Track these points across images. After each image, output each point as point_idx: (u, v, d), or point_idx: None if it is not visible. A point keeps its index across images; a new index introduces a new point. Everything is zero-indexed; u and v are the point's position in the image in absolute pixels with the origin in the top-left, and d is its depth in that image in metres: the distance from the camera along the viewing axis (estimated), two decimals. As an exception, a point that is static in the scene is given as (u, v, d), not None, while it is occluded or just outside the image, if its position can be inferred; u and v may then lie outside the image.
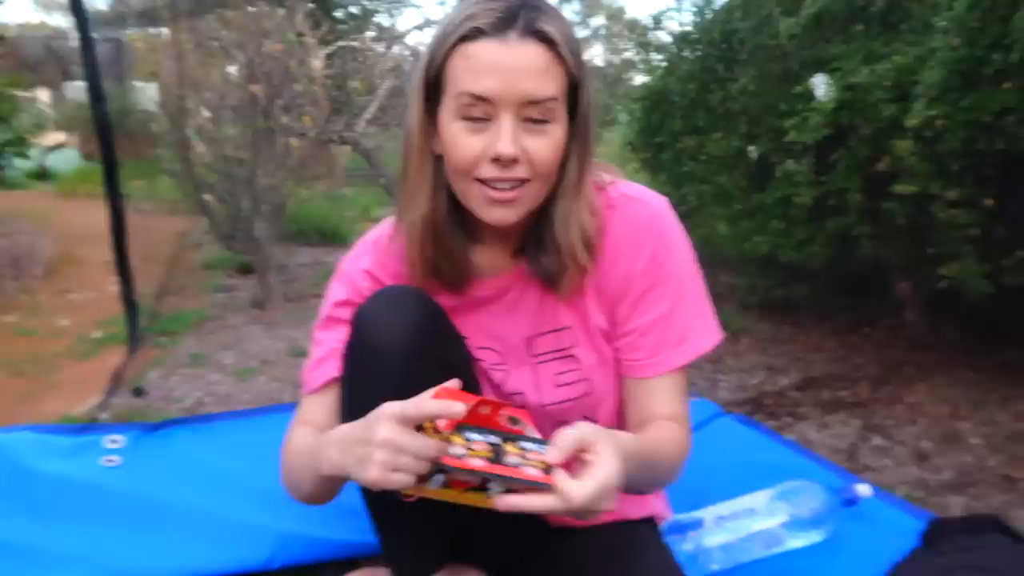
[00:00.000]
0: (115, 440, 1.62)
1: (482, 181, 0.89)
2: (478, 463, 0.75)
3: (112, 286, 4.22)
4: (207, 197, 4.11)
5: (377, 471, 0.76)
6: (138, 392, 2.67)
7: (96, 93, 2.64)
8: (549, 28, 0.86)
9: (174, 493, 1.43)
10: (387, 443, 0.76)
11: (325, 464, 0.85)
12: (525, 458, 0.77)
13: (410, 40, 6.06)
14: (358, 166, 5.47)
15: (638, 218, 0.99)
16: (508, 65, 0.85)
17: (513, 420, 0.84)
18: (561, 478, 0.73)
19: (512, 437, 0.80)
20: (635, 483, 0.87)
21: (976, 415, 2.26)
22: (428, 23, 5.59)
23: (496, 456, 0.77)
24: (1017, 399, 2.33)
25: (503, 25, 0.85)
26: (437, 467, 0.76)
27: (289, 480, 1.01)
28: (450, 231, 0.97)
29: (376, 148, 5.06)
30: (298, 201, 4.88)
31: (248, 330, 3.42)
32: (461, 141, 0.88)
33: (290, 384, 2.70)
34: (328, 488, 0.94)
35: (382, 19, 7.27)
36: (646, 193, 1.03)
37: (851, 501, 1.37)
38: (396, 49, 5.89)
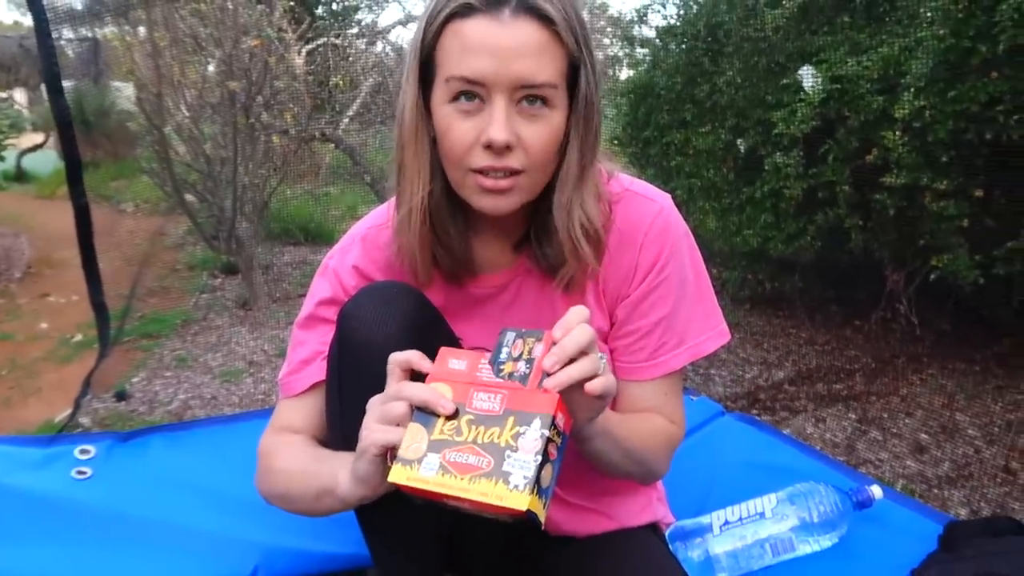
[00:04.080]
0: (86, 451, 1.55)
1: (476, 171, 0.83)
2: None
3: (93, 289, 4.13)
4: (188, 197, 4.05)
5: (371, 427, 0.75)
6: (121, 396, 2.62)
7: (55, 87, 2.53)
8: (546, 5, 0.79)
9: (149, 505, 1.36)
10: (375, 402, 0.76)
11: (343, 489, 0.81)
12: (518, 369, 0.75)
13: (392, 36, 6.01)
14: (342, 164, 5.41)
15: (643, 215, 0.94)
16: (500, 45, 0.79)
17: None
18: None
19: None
20: (613, 451, 0.87)
21: (972, 406, 2.26)
22: (410, 19, 5.53)
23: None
24: (1012, 389, 2.34)
25: (496, 1, 0.79)
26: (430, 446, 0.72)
27: (279, 496, 0.95)
28: (449, 220, 0.91)
29: (360, 145, 5.00)
30: (282, 200, 4.81)
31: (233, 331, 3.36)
32: (453, 126, 0.82)
33: (277, 385, 2.66)
34: (337, 509, 0.88)
35: (363, 15, 7.20)
36: (651, 190, 0.98)
37: (863, 503, 1.31)
38: (378, 46, 5.83)
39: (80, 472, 1.48)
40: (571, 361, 0.73)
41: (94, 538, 1.28)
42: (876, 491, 1.33)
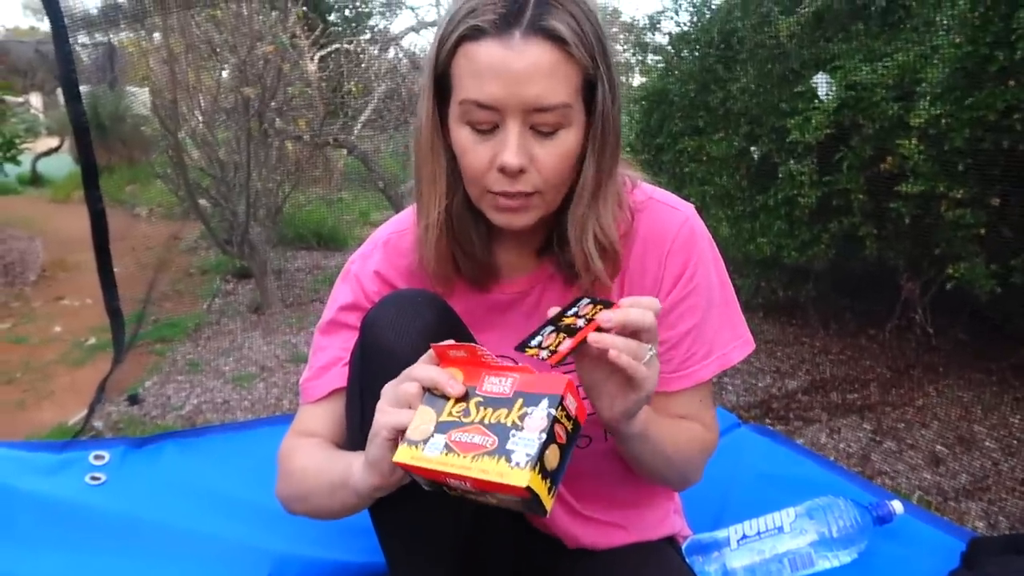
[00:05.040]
0: (100, 456, 1.55)
1: (489, 191, 0.84)
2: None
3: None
4: (202, 202, 4.07)
5: (383, 409, 0.75)
6: (134, 400, 2.63)
7: (71, 92, 2.54)
8: (558, 24, 0.78)
9: (163, 512, 1.36)
10: (389, 387, 0.76)
11: (356, 479, 0.81)
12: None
13: (405, 42, 6.02)
14: (355, 170, 5.42)
15: (668, 224, 0.94)
16: (512, 69, 0.78)
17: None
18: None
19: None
20: (652, 454, 0.86)
21: (989, 418, 2.23)
22: (423, 25, 5.54)
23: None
24: (1030, 401, 2.31)
25: (506, 23, 0.78)
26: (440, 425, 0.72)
27: (297, 495, 0.95)
28: (471, 228, 0.91)
29: (373, 151, 5.01)
30: (295, 205, 4.83)
31: (246, 336, 3.38)
32: (468, 149, 0.83)
33: (289, 391, 2.67)
34: (353, 505, 0.88)
35: (376, 21, 7.23)
36: (674, 199, 0.97)
37: (883, 518, 1.28)
38: (391, 52, 5.84)
39: (94, 478, 1.48)
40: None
41: (107, 544, 1.28)
42: (897, 506, 1.30)
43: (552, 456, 0.69)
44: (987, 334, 2.68)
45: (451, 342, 0.77)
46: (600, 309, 0.76)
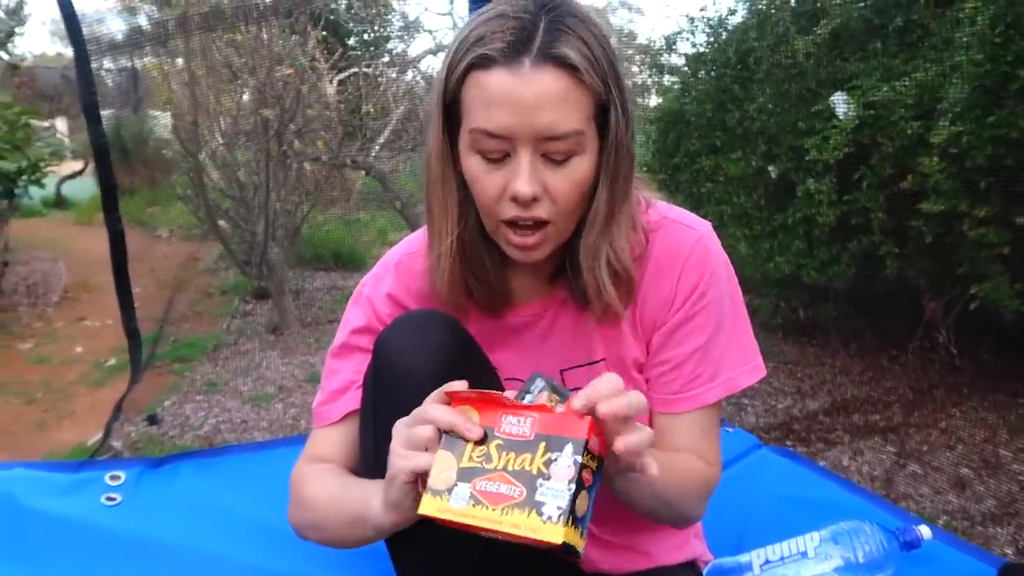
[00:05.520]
0: (116, 477, 1.55)
1: (505, 222, 0.83)
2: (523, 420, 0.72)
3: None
4: (221, 223, 4.11)
5: (399, 452, 0.74)
6: (152, 420, 2.65)
7: (92, 115, 2.57)
8: (569, 50, 0.77)
9: (178, 533, 1.35)
10: (401, 425, 0.75)
11: (375, 516, 0.80)
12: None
13: (423, 65, 6.09)
14: (373, 190, 5.47)
15: (682, 243, 0.92)
16: (522, 98, 0.76)
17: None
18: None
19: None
20: (641, 493, 0.83)
21: (1015, 440, 2.19)
22: (440, 48, 5.60)
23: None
24: (1057, 423, 2.26)
25: (515, 51, 0.77)
26: (461, 474, 0.71)
27: (311, 524, 0.95)
28: (483, 256, 0.90)
29: (390, 171, 5.06)
30: (313, 225, 4.88)
31: (264, 356, 3.39)
32: (480, 178, 0.82)
33: (307, 411, 2.67)
34: (370, 538, 0.87)
35: (394, 44, 7.32)
36: (690, 217, 0.96)
37: (911, 544, 1.24)
38: (409, 74, 5.91)
39: (110, 498, 1.48)
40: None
41: (120, 566, 1.27)
42: (924, 531, 1.26)
43: (582, 503, 0.69)
44: (1012, 354, 2.63)
45: (463, 386, 0.75)
46: (555, 400, 0.74)
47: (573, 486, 0.67)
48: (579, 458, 0.68)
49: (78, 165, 9.16)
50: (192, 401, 2.86)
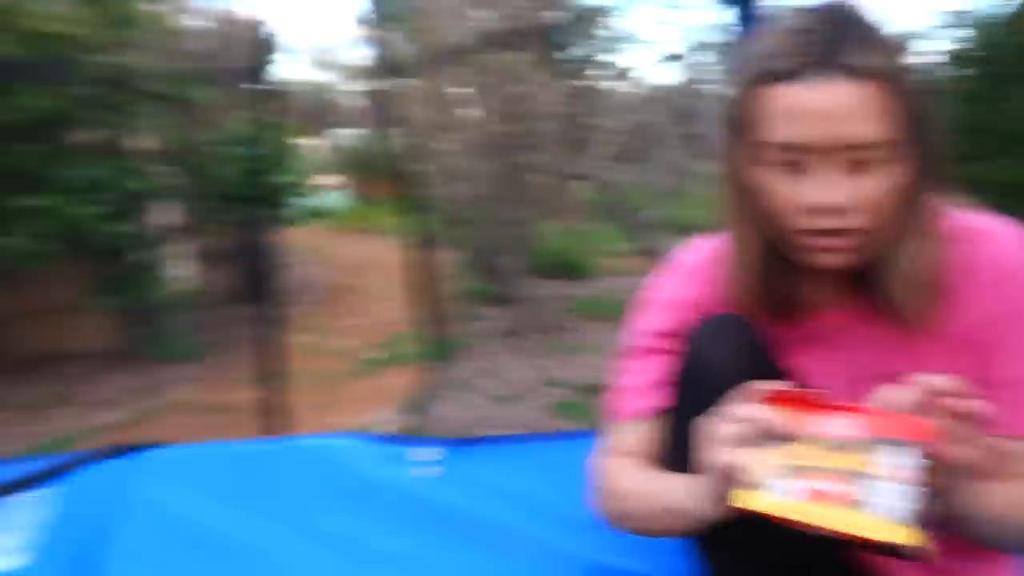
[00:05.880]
0: (433, 452, 1.72)
1: (808, 231, 0.83)
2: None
3: (381, 313, 4.66)
4: (462, 232, 4.44)
5: (714, 447, 0.75)
6: (418, 411, 2.91)
7: (385, 142, 2.89)
8: (866, 60, 0.77)
9: (492, 511, 1.49)
10: (717, 421, 0.77)
11: (689, 509, 0.83)
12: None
13: (650, 77, 6.13)
14: (598, 201, 5.60)
15: (996, 254, 0.88)
16: (821, 110, 0.78)
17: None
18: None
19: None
20: (976, 521, 0.79)
21: None
22: (672, 58, 5.61)
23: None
24: None
25: (808, 66, 0.78)
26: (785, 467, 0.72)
27: (625, 515, 1.01)
28: (779, 267, 0.91)
29: (616, 183, 5.15)
30: (541, 236, 5.09)
31: (503, 358, 3.60)
32: (774, 191, 0.84)
33: (548, 412, 2.80)
34: (687, 530, 0.92)
35: (618, 58, 7.43)
36: (994, 223, 0.91)
37: None
38: (637, 86, 5.97)
39: (429, 471, 1.65)
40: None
41: (440, 535, 1.42)
42: None
43: (922, 505, 0.68)
44: None
45: (779, 386, 0.77)
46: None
47: (912, 488, 0.68)
48: (918, 461, 0.68)
49: (335, 179, 10.27)
50: (444, 397, 3.11)
